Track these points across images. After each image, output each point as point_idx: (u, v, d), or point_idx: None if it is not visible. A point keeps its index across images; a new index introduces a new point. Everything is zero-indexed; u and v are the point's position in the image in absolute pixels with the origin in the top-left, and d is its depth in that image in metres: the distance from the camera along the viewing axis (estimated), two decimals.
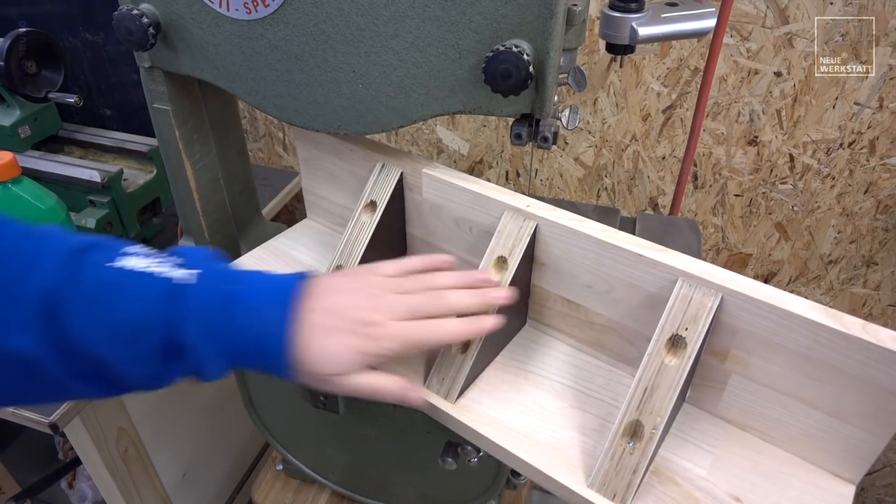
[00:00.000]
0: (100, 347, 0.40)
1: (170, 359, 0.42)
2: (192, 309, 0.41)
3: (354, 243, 0.60)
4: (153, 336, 0.41)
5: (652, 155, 1.04)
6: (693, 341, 0.45)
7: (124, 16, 0.55)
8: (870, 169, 0.92)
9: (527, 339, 0.61)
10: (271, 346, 0.43)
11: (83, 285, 0.40)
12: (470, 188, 0.56)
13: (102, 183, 0.89)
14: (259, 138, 1.32)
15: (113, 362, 0.40)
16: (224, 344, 0.42)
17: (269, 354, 0.43)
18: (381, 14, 0.48)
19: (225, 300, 0.43)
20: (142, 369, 0.41)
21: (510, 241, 0.54)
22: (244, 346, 0.43)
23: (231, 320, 0.42)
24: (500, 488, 0.68)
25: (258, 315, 0.43)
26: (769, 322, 0.44)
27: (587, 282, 0.54)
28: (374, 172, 0.62)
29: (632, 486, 0.45)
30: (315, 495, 0.89)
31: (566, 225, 0.52)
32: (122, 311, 0.40)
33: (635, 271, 0.49)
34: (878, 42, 0.83)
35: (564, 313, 0.58)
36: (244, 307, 0.43)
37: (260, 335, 0.43)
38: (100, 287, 0.40)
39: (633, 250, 0.49)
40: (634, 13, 0.54)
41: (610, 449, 0.46)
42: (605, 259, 0.51)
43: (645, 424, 0.45)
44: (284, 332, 0.43)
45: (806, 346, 0.44)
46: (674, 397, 0.44)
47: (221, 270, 0.45)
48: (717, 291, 0.45)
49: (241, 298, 0.43)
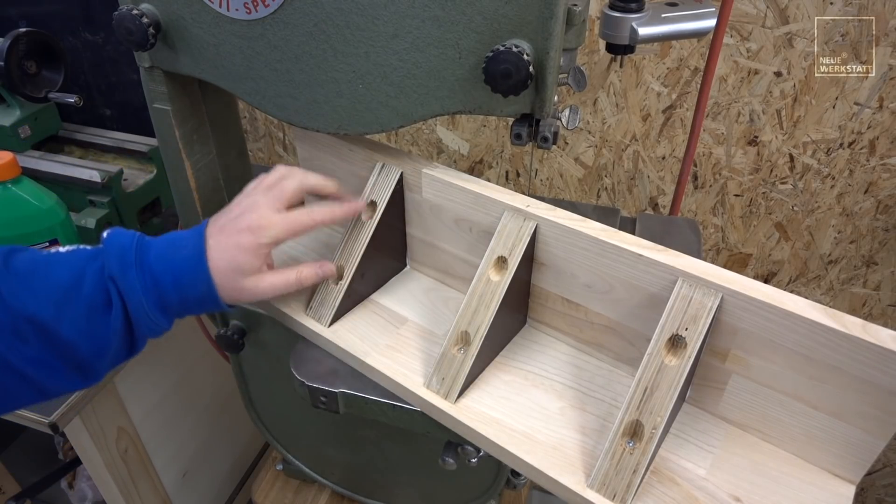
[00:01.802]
0: (35, 308, 0.46)
1: (102, 307, 0.48)
2: (109, 255, 0.49)
3: (355, 243, 0.61)
4: (82, 290, 0.47)
5: (652, 155, 1.04)
6: (693, 341, 0.45)
7: (124, 16, 0.55)
8: (870, 169, 0.92)
9: (527, 340, 0.61)
10: (188, 264, 0.50)
11: (13, 268, 0.47)
12: (470, 188, 0.56)
13: (102, 183, 0.89)
14: (259, 138, 1.32)
15: (50, 320, 0.46)
16: (143, 275, 0.49)
17: (191, 273, 0.50)
18: (381, 14, 0.48)
19: (137, 242, 0.50)
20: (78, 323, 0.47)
21: (510, 241, 0.54)
22: (164, 275, 0.49)
23: (144, 251, 0.50)
24: (500, 488, 0.68)
25: (170, 245, 0.51)
26: (769, 322, 0.44)
27: (587, 282, 0.54)
28: (374, 172, 0.62)
29: (632, 486, 0.45)
30: (315, 495, 0.89)
31: (566, 225, 0.52)
32: (52, 277, 0.47)
33: (635, 271, 0.49)
34: (878, 42, 0.83)
35: (565, 313, 0.58)
36: (156, 241, 0.51)
37: (174, 259, 0.50)
38: (27, 265, 0.48)
39: (632, 250, 0.49)
40: (634, 13, 0.54)
41: (610, 449, 0.46)
42: (604, 259, 0.51)
43: (645, 424, 0.45)
44: (199, 250, 0.50)
45: (806, 347, 0.44)
46: (674, 397, 0.44)
47: (129, 231, 0.52)
48: (717, 291, 0.45)
49: (150, 240, 0.52)
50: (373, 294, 0.66)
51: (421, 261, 0.68)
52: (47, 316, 0.46)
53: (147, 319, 0.50)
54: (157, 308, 0.50)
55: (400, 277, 0.69)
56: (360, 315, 0.63)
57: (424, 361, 0.57)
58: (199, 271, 0.50)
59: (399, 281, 0.68)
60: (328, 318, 0.61)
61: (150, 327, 0.51)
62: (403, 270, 0.70)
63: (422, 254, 0.67)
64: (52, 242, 0.76)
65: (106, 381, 0.87)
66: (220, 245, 0.51)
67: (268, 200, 0.54)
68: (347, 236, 0.61)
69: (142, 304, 0.49)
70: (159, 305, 0.50)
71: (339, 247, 0.61)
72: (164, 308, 0.50)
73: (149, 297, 0.49)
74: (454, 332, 0.54)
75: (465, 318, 0.54)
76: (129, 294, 0.48)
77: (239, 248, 0.51)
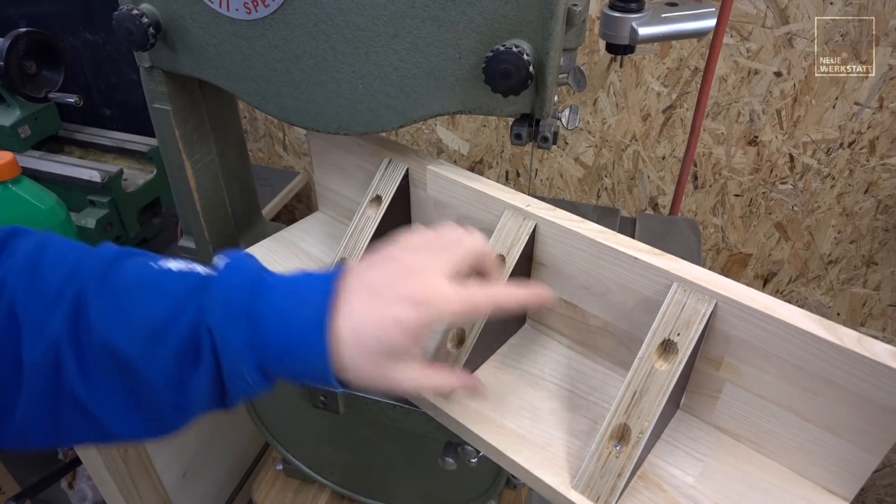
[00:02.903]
0: (120, 340, 0.37)
1: (191, 359, 0.38)
2: (214, 295, 0.38)
3: (359, 236, 0.61)
4: (174, 330, 0.38)
5: (652, 155, 1.04)
6: (685, 347, 0.44)
7: (124, 16, 0.55)
8: (870, 169, 0.92)
9: (525, 339, 0.61)
10: (306, 332, 0.38)
11: (111, 281, 0.39)
12: (472, 186, 0.56)
13: (102, 183, 0.89)
14: (259, 138, 1.32)
15: (133, 358, 0.37)
16: (249, 329, 0.38)
17: (304, 341, 0.38)
18: (381, 14, 0.48)
19: (253, 283, 0.39)
20: (163, 369, 0.38)
21: (509, 240, 0.54)
22: (273, 333, 0.38)
23: (257, 300, 0.38)
24: (500, 488, 0.68)
25: (290, 297, 0.39)
26: (763, 331, 0.44)
27: (584, 283, 0.53)
28: (381, 167, 0.62)
29: (616, 490, 0.44)
30: (315, 495, 0.89)
31: (564, 225, 0.52)
32: (151, 304, 0.38)
33: (631, 274, 0.49)
34: (878, 42, 0.83)
35: (562, 314, 0.58)
36: (275, 288, 0.39)
37: (291, 317, 0.38)
38: (126, 283, 0.39)
39: (629, 253, 0.48)
40: (634, 13, 0.54)
41: (596, 451, 0.45)
42: (601, 261, 0.51)
43: (632, 428, 0.44)
44: (323, 315, 0.38)
45: (800, 357, 0.43)
46: (662, 402, 0.44)
47: (251, 262, 0.41)
48: (712, 298, 0.45)
49: (270, 283, 0.39)
50: None
51: None
52: (132, 351, 0.37)
53: (243, 382, 0.39)
54: (259, 372, 0.39)
55: None
56: None
57: None
58: (317, 344, 0.38)
59: None
60: None
61: (246, 391, 0.40)
62: None
63: None
64: None
65: None
66: (369, 312, 0.38)
67: (440, 265, 0.41)
68: (353, 229, 0.61)
69: (240, 365, 0.38)
70: (261, 369, 0.39)
71: (344, 240, 0.62)
72: (265, 373, 0.39)
73: (250, 359, 0.38)
74: (448, 329, 0.54)
75: None
76: (225, 351, 0.38)
77: (397, 323, 0.38)
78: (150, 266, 0.40)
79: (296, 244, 0.72)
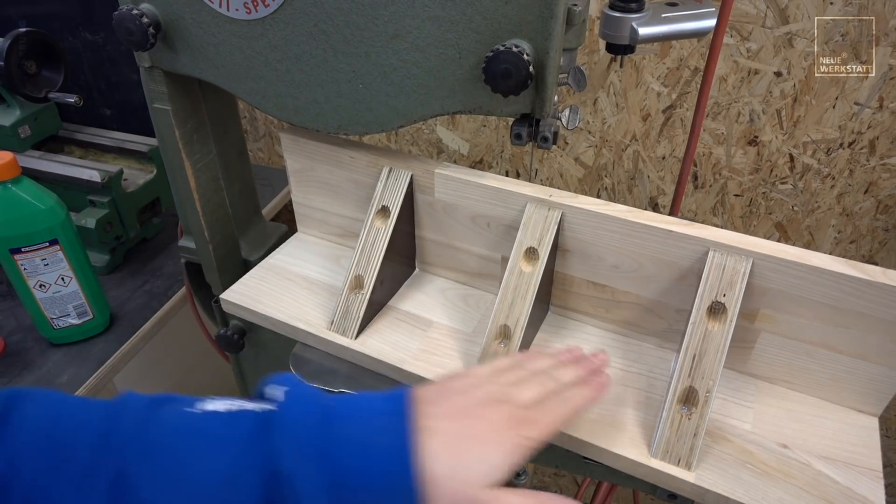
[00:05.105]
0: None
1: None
2: (284, 434, 0.34)
3: (371, 251, 0.60)
4: (245, 485, 0.33)
5: (652, 155, 1.04)
6: (732, 306, 0.48)
7: (124, 16, 0.55)
8: (870, 169, 0.92)
9: (553, 326, 0.62)
10: (389, 463, 0.34)
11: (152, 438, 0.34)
12: (488, 184, 0.57)
13: (102, 183, 0.89)
14: (259, 138, 1.32)
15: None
16: (327, 468, 0.33)
17: (388, 474, 0.34)
18: (381, 14, 0.48)
19: (322, 414, 0.35)
20: None
21: (538, 232, 0.55)
22: (354, 468, 0.34)
23: (331, 435, 0.34)
24: None
25: (366, 425, 0.35)
26: (797, 279, 0.48)
27: (614, 262, 0.56)
28: (381, 178, 0.62)
29: (694, 449, 0.47)
30: None
31: (592, 210, 0.54)
32: (201, 461, 0.33)
33: (664, 247, 0.52)
34: (878, 42, 0.83)
35: (590, 296, 0.59)
36: (347, 418, 0.36)
37: (372, 449, 0.34)
38: (172, 438, 0.34)
39: (662, 227, 0.51)
40: (634, 13, 0.54)
41: (668, 417, 0.48)
42: (633, 238, 0.53)
43: (699, 389, 0.48)
44: (405, 442, 0.34)
45: (832, 297, 0.48)
46: (722, 360, 0.47)
47: (308, 389, 0.38)
48: (748, 256, 0.49)
49: (340, 411, 0.36)
50: (390, 301, 0.66)
51: (432, 262, 0.68)
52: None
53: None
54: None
55: (412, 281, 0.69)
56: (384, 323, 0.63)
57: (463, 360, 0.58)
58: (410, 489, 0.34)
59: (412, 285, 0.68)
60: (353, 331, 0.60)
61: None
62: (413, 274, 0.70)
63: (433, 255, 0.67)
64: (51, 243, 0.75)
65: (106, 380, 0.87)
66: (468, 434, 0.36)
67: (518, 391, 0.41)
68: (362, 245, 0.61)
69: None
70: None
71: (355, 256, 0.61)
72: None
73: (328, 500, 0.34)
74: (493, 327, 0.55)
75: (502, 312, 0.55)
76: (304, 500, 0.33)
77: (500, 445, 0.36)
78: (190, 413, 0.36)
79: (288, 269, 0.69)
